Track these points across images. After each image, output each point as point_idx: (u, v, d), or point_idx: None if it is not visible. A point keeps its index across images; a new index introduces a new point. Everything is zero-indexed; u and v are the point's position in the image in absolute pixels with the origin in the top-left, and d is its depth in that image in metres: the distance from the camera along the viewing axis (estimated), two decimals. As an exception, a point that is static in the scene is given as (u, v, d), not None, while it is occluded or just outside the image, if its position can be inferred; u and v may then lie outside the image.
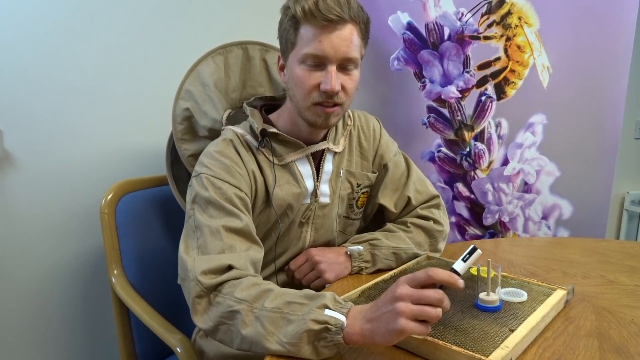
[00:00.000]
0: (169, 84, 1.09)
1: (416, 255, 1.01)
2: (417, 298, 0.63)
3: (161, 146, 1.16)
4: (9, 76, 1.20)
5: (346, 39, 0.84)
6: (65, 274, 1.35)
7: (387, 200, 1.07)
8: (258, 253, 0.86)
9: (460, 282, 0.65)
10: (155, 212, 1.22)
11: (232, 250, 0.81)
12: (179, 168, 1.11)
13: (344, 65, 0.87)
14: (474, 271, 0.94)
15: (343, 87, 0.87)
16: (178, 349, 0.94)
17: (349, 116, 1.06)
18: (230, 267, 0.78)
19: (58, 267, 1.33)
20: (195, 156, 1.04)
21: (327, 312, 0.67)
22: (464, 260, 0.69)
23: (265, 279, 1.00)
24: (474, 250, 0.69)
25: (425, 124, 1.56)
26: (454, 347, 0.65)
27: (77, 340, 1.40)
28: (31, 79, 1.23)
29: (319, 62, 0.85)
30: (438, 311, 0.63)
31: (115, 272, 1.12)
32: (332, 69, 0.85)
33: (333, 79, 0.85)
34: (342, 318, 0.67)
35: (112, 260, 1.13)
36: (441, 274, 0.65)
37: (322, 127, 0.93)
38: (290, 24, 0.86)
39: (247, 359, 0.94)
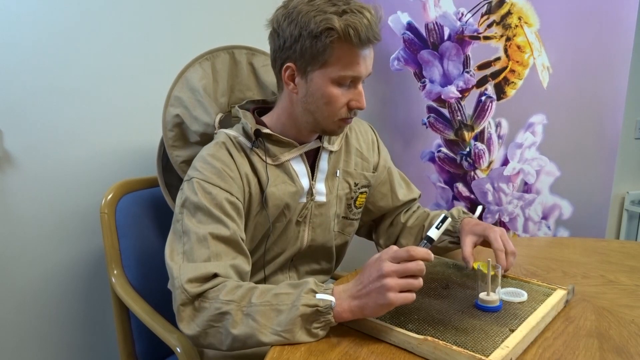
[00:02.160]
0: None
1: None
2: (402, 272, 0.70)
3: (161, 146, 1.16)
4: (9, 76, 1.20)
5: (372, 57, 0.89)
6: (65, 274, 1.35)
7: (402, 195, 1.14)
8: (244, 264, 0.86)
9: (432, 256, 0.73)
10: (155, 212, 1.22)
11: (218, 258, 0.82)
12: (171, 175, 1.11)
13: (363, 80, 0.90)
14: (475, 266, 0.94)
15: None
16: (178, 349, 0.94)
17: None
18: (215, 275, 0.80)
19: (58, 267, 1.33)
20: (188, 162, 1.03)
21: (318, 295, 0.72)
22: (437, 228, 0.78)
23: (267, 277, 1.01)
24: (445, 218, 0.79)
25: (425, 124, 1.56)
26: (454, 347, 0.65)
27: (77, 341, 1.40)
28: (31, 79, 1.23)
29: (349, 82, 0.87)
30: (420, 281, 0.71)
31: (115, 272, 1.12)
32: (361, 87, 0.89)
33: (364, 97, 0.89)
34: (331, 298, 0.72)
35: (112, 260, 1.13)
36: (420, 251, 0.71)
37: (336, 135, 0.98)
38: (328, 42, 0.82)
39: (246, 358, 0.94)
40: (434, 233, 0.78)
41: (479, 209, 1.02)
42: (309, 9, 0.82)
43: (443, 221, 0.78)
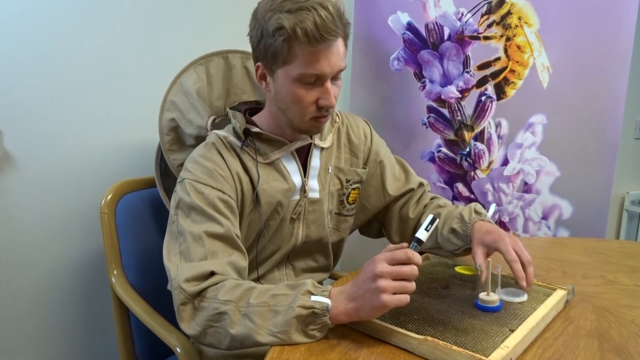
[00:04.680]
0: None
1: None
2: (396, 274, 0.70)
3: (161, 146, 1.16)
4: (9, 76, 1.20)
5: (339, 53, 0.85)
6: (65, 274, 1.35)
7: (394, 189, 1.10)
8: (241, 260, 0.86)
9: (420, 261, 0.72)
10: (155, 212, 1.22)
11: (214, 256, 0.83)
12: (169, 179, 1.12)
13: (335, 76, 0.87)
14: (474, 271, 0.95)
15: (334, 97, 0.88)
16: (178, 349, 0.94)
17: (337, 114, 1.08)
18: (212, 273, 0.80)
19: (58, 268, 1.33)
20: None
21: (313, 297, 0.72)
22: (427, 230, 0.76)
23: (262, 275, 1.01)
24: (434, 219, 0.77)
25: (425, 124, 1.56)
26: (454, 347, 0.65)
27: (77, 341, 1.40)
28: (31, 79, 1.23)
29: (315, 79, 0.85)
30: (413, 285, 0.71)
31: (115, 272, 1.12)
32: (329, 84, 0.86)
33: (332, 95, 0.86)
34: (327, 301, 0.72)
35: (112, 261, 1.13)
36: (418, 258, 0.71)
37: (314, 134, 0.97)
38: (283, 41, 0.82)
39: (246, 358, 0.94)
40: (422, 235, 0.76)
41: (492, 208, 0.98)
42: (269, 8, 0.83)
43: (432, 222, 0.76)
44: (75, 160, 1.31)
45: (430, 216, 0.77)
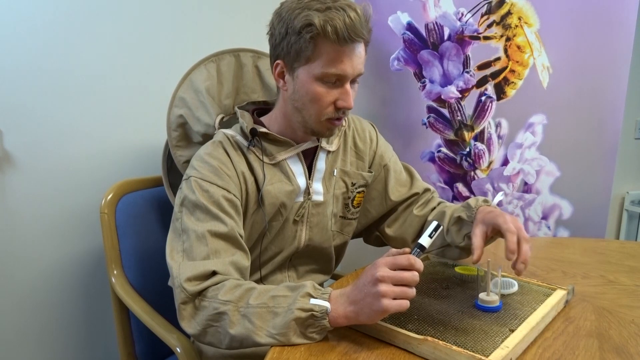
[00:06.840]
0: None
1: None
2: (397, 280, 0.70)
3: (161, 146, 1.16)
4: (9, 76, 1.20)
5: (361, 57, 0.87)
6: (65, 274, 1.35)
7: (397, 195, 1.09)
8: (244, 260, 0.86)
9: (422, 267, 0.72)
10: (155, 212, 1.22)
11: (216, 256, 0.83)
12: (175, 175, 1.12)
13: (353, 80, 0.88)
14: (474, 271, 0.95)
15: None
16: (178, 349, 0.94)
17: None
18: (214, 273, 0.80)
19: (58, 267, 1.33)
20: None
21: (312, 300, 0.72)
22: (430, 236, 0.76)
23: (265, 277, 1.01)
24: (438, 226, 0.77)
25: (425, 124, 1.56)
26: (454, 347, 0.65)
27: (77, 340, 1.40)
28: (31, 79, 1.23)
29: (335, 80, 0.86)
30: (413, 290, 0.71)
31: (115, 272, 1.12)
32: (348, 86, 0.87)
33: (351, 97, 0.87)
34: (326, 304, 0.72)
35: (112, 260, 1.13)
36: (420, 264, 0.71)
37: (326, 137, 0.96)
38: (310, 38, 0.83)
39: (245, 358, 0.94)
40: (425, 241, 0.75)
41: (499, 195, 0.97)
42: (296, 6, 0.84)
43: (436, 229, 0.76)
44: (75, 161, 1.31)
45: (435, 223, 0.76)
